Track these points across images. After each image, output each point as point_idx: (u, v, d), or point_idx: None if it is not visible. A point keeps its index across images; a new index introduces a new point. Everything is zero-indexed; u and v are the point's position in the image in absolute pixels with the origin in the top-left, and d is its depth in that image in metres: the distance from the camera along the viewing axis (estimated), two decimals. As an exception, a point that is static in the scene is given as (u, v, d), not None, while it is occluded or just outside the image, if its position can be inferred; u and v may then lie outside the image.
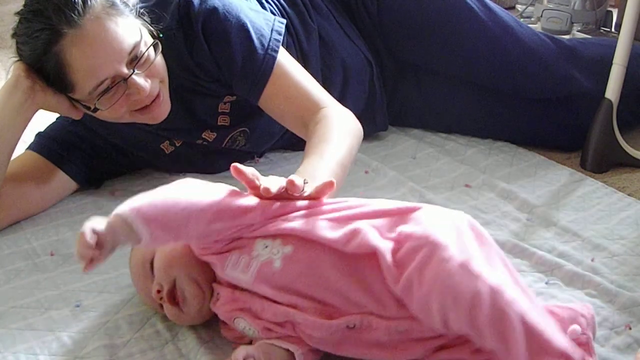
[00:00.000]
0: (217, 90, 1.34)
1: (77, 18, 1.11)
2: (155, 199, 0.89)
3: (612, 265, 1.13)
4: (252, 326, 0.91)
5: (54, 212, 1.34)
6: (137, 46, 1.16)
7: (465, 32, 1.54)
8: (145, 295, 1.00)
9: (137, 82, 1.16)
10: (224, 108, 1.38)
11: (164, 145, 1.43)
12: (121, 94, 1.17)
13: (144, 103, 1.20)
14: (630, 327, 0.98)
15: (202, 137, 1.41)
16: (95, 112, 1.20)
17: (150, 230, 0.86)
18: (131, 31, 1.16)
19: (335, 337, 0.87)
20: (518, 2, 2.69)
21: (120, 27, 1.15)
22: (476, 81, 1.59)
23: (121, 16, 1.16)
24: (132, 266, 1.02)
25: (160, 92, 1.22)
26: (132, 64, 1.17)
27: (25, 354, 0.97)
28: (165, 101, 1.24)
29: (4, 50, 2.44)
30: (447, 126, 1.66)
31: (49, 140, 1.37)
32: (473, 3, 1.54)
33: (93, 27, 1.12)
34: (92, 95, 1.16)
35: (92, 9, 1.12)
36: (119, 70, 1.15)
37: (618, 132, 1.51)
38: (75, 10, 1.10)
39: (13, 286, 1.12)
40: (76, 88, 1.16)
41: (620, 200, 1.35)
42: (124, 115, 1.22)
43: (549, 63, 1.54)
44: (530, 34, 1.57)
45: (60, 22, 1.10)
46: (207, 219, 0.89)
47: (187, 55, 1.27)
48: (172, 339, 0.98)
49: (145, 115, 1.23)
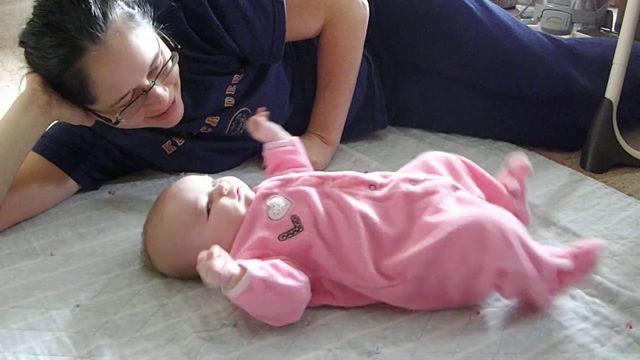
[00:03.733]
0: (227, 65, 1.36)
1: (101, 34, 1.10)
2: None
3: (612, 265, 1.13)
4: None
5: (54, 212, 1.34)
6: (157, 57, 1.17)
7: (463, 31, 1.54)
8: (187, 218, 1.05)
9: (158, 93, 1.18)
10: (231, 90, 1.40)
11: (165, 145, 1.43)
12: (141, 104, 1.18)
13: (162, 111, 1.22)
14: (631, 326, 0.98)
15: (206, 123, 1.41)
16: (117, 124, 1.21)
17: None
18: (150, 42, 1.17)
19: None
20: (518, 2, 2.69)
21: (141, 39, 1.15)
22: (475, 81, 1.59)
23: (140, 28, 1.16)
24: (183, 183, 1.10)
25: (175, 97, 1.23)
26: (152, 75, 1.17)
27: (25, 354, 0.96)
28: (179, 104, 1.26)
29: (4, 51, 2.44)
30: (447, 126, 1.67)
31: (51, 142, 1.37)
32: (471, 3, 1.55)
33: (116, 43, 1.11)
34: (113, 107, 1.17)
35: (114, 23, 1.11)
36: (141, 83, 1.16)
37: (618, 132, 1.51)
38: (97, 25, 1.09)
39: (13, 286, 1.11)
40: (97, 101, 1.16)
41: (620, 200, 1.35)
42: (140, 123, 1.23)
43: (547, 62, 1.54)
44: (528, 33, 1.57)
45: (81, 38, 1.09)
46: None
47: (191, 33, 1.29)
48: (172, 338, 0.98)
49: (161, 121, 1.25)
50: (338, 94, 1.51)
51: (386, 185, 1.06)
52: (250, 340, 0.97)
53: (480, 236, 0.94)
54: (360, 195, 1.04)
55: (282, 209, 1.03)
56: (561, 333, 0.97)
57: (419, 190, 1.04)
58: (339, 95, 1.51)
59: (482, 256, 0.94)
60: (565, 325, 0.99)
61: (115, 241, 1.23)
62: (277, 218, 1.02)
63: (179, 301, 1.06)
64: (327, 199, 1.04)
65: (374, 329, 0.99)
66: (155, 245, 1.09)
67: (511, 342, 0.96)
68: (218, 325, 1.00)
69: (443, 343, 0.96)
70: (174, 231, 1.05)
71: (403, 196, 1.04)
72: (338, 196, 1.04)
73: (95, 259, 1.18)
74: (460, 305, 1.01)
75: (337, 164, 1.52)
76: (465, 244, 0.94)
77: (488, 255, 0.94)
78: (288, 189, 1.07)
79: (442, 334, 0.98)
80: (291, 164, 1.19)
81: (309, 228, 1.01)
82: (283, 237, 1.01)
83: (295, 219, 1.02)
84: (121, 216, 1.32)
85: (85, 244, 1.23)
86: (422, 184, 1.05)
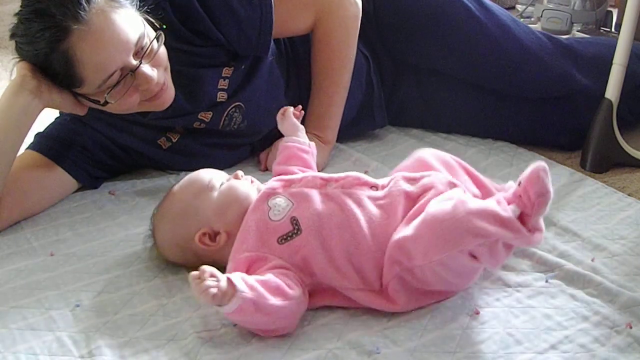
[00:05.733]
0: (215, 57, 1.37)
1: (83, 13, 1.11)
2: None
3: (612, 265, 1.13)
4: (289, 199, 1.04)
5: (54, 212, 1.34)
6: (142, 38, 1.18)
7: (461, 31, 1.54)
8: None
9: (146, 73, 1.19)
10: (223, 85, 1.40)
11: (160, 141, 1.44)
12: (129, 85, 1.19)
13: (152, 92, 1.23)
14: (631, 326, 0.98)
15: (198, 118, 1.42)
16: (105, 106, 1.21)
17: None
18: (135, 23, 1.18)
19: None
20: (518, 2, 2.69)
21: (124, 19, 1.16)
22: (474, 80, 1.59)
23: (123, 8, 1.17)
24: (197, 171, 1.14)
25: (165, 80, 1.24)
26: (139, 55, 1.18)
27: (25, 354, 0.96)
28: (170, 87, 1.27)
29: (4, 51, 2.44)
30: (447, 126, 1.66)
31: (48, 139, 1.37)
32: (470, 2, 1.55)
33: (100, 21, 1.13)
34: (101, 88, 1.18)
35: (96, 3, 1.13)
36: (127, 62, 1.17)
37: (618, 132, 1.50)
38: (79, 5, 1.11)
39: (13, 286, 1.11)
40: (85, 83, 1.17)
41: (620, 200, 1.35)
42: (133, 106, 1.24)
43: (545, 61, 1.54)
44: (528, 33, 1.57)
45: (65, 19, 1.11)
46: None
47: (178, 25, 1.30)
48: (172, 338, 0.98)
49: (152, 103, 1.26)
50: (332, 92, 1.51)
51: (387, 186, 1.07)
52: (250, 341, 0.97)
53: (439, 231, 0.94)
54: (362, 196, 1.05)
55: (282, 210, 1.03)
56: (561, 333, 0.97)
57: (418, 190, 1.05)
58: (334, 93, 1.51)
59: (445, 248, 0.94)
60: (565, 325, 0.99)
61: (115, 241, 1.23)
62: (277, 219, 1.03)
63: (179, 301, 1.06)
64: (329, 201, 1.04)
65: (374, 329, 0.99)
66: (162, 212, 1.11)
67: (511, 342, 0.96)
68: (218, 325, 1.00)
69: (443, 343, 0.96)
70: (183, 196, 1.09)
71: (403, 195, 1.04)
72: (340, 198, 1.04)
73: (95, 259, 1.18)
74: (454, 291, 1.02)
75: (337, 164, 1.52)
76: (426, 241, 0.95)
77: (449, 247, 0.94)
78: (291, 189, 1.07)
79: (442, 334, 0.98)
80: (301, 162, 1.21)
81: (308, 231, 1.01)
82: (282, 241, 1.01)
83: (294, 221, 1.02)
84: (121, 216, 1.32)
85: (85, 244, 1.23)
86: (420, 182, 1.06)
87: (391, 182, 1.07)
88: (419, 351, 0.94)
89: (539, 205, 0.89)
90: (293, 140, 1.24)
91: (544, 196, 0.89)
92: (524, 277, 1.09)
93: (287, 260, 1.00)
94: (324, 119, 1.52)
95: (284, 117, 1.26)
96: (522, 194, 0.90)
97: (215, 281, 0.91)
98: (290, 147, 1.23)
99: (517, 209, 0.91)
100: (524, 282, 1.08)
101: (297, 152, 1.22)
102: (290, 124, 1.26)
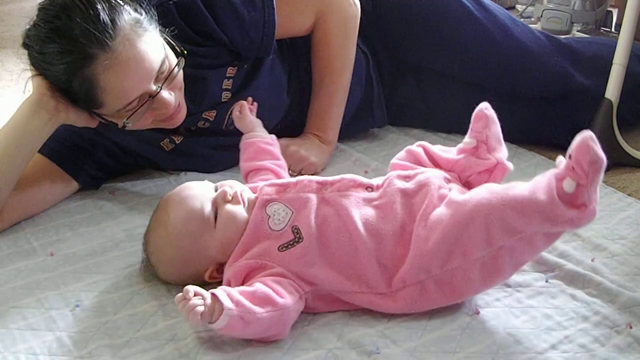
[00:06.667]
0: (220, 57, 1.37)
1: (110, 42, 1.10)
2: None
3: (612, 265, 1.13)
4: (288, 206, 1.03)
5: (54, 212, 1.34)
6: (163, 63, 1.18)
7: (460, 30, 1.55)
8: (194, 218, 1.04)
9: (164, 98, 1.19)
10: (227, 85, 1.40)
11: (163, 143, 1.44)
12: (147, 109, 1.19)
13: (168, 115, 1.23)
14: (631, 326, 0.98)
15: (203, 117, 1.42)
16: (124, 128, 1.21)
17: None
18: (157, 48, 1.17)
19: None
20: (518, 2, 2.69)
21: (148, 46, 1.15)
22: (473, 80, 1.59)
23: (147, 33, 1.16)
24: (185, 189, 1.08)
25: (180, 101, 1.24)
26: (159, 80, 1.18)
27: (25, 354, 0.96)
28: (183, 106, 1.27)
29: (4, 51, 2.44)
30: (447, 126, 1.66)
31: (52, 142, 1.36)
32: (469, 2, 1.55)
33: (125, 50, 1.11)
34: (120, 112, 1.18)
35: (122, 30, 1.11)
36: (148, 89, 1.16)
37: (618, 132, 1.50)
38: (106, 32, 1.09)
39: (13, 286, 1.11)
40: (104, 107, 1.17)
41: (620, 200, 1.35)
42: (146, 126, 1.25)
43: (545, 60, 1.55)
44: (526, 32, 1.58)
45: (91, 46, 1.09)
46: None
47: (181, 24, 1.30)
48: (172, 338, 0.98)
49: (166, 123, 1.26)
50: (333, 92, 1.51)
51: (382, 186, 1.07)
52: (250, 341, 0.97)
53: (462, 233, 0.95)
54: (359, 198, 1.04)
55: (282, 219, 1.03)
56: (561, 333, 0.97)
57: (413, 186, 1.05)
58: (334, 93, 1.51)
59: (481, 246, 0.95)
60: (565, 325, 0.99)
61: (115, 241, 1.23)
62: (278, 228, 1.02)
63: (179, 301, 1.06)
64: (326, 205, 1.03)
65: (374, 329, 0.99)
66: (161, 256, 1.07)
67: (511, 342, 0.96)
68: (218, 325, 1.00)
69: (443, 343, 0.96)
70: (181, 241, 1.04)
71: (399, 193, 1.04)
72: (337, 202, 1.03)
73: (95, 259, 1.18)
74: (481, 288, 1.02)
75: (337, 164, 1.52)
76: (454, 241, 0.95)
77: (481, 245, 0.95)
78: (287, 195, 1.06)
79: (442, 334, 0.98)
80: (268, 154, 1.23)
81: (309, 238, 1.00)
82: (282, 248, 1.00)
83: (295, 229, 1.01)
84: (121, 216, 1.32)
85: (85, 244, 1.23)
86: (415, 179, 1.06)
87: (386, 182, 1.07)
88: (419, 351, 0.94)
89: (594, 173, 0.88)
90: (254, 135, 1.27)
91: (596, 163, 0.88)
92: (524, 277, 1.09)
93: (287, 268, 0.99)
94: (325, 119, 1.52)
95: (241, 114, 1.29)
96: (575, 166, 0.89)
97: (200, 299, 0.91)
98: (254, 142, 1.25)
99: (573, 181, 0.90)
100: (524, 282, 1.08)
101: (263, 146, 1.25)
102: (249, 120, 1.30)
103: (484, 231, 0.93)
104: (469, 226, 0.94)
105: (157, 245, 1.07)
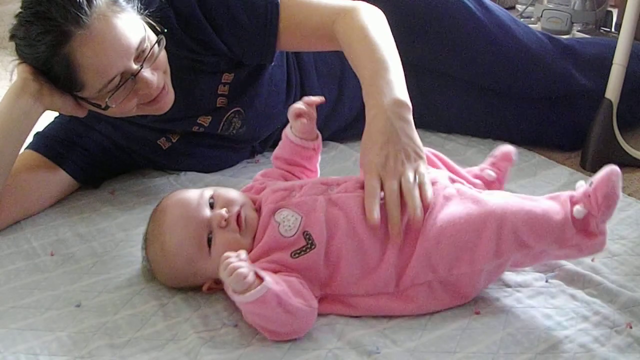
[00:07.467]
0: (216, 65, 1.36)
1: (85, 18, 1.11)
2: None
3: (612, 265, 1.13)
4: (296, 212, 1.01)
5: (54, 212, 1.34)
6: (143, 42, 1.18)
7: (462, 31, 1.54)
8: (193, 230, 1.02)
9: (146, 77, 1.18)
10: (223, 90, 1.39)
11: (160, 141, 1.44)
12: (130, 89, 1.19)
13: (152, 96, 1.22)
14: (631, 326, 0.98)
15: (197, 122, 1.41)
16: (106, 110, 1.21)
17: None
18: (136, 27, 1.18)
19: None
20: (518, 2, 2.69)
21: (125, 23, 1.16)
22: (474, 80, 1.59)
23: (125, 12, 1.17)
24: (180, 207, 1.04)
25: (165, 83, 1.24)
26: (139, 60, 1.18)
27: (25, 354, 0.96)
28: (170, 90, 1.26)
29: (4, 51, 2.44)
30: (447, 126, 1.66)
31: (48, 139, 1.37)
32: (470, 2, 1.55)
33: (101, 26, 1.12)
34: (101, 92, 1.17)
35: (98, 8, 1.13)
36: (128, 67, 1.16)
37: (618, 132, 1.51)
38: (81, 9, 1.10)
39: (13, 286, 1.11)
40: (86, 87, 1.17)
41: (621, 200, 1.33)
42: (131, 110, 1.23)
43: (545, 61, 1.55)
44: (528, 33, 1.58)
45: (67, 23, 1.10)
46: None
47: (180, 32, 1.29)
48: (172, 338, 0.98)
49: (152, 107, 1.25)
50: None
51: None
52: (251, 341, 0.97)
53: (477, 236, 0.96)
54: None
55: (293, 225, 1.01)
56: (561, 333, 0.97)
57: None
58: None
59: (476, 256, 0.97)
60: (565, 325, 0.99)
61: (115, 241, 1.23)
62: (289, 235, 1.01)
63: (179, 301, 1.06)
64: (334, 207, 1.02)
65: (374, 329, 0.99)
66: (158, 268, 1.07)
67: (511, 342, 0.96)
68: (219, 325, 1.00)
69: (443, 343, 0.96)
70: (176, 262, 1.04)
71: None
72: (345, 203, 1.02)
73: (95, 259, 1.18)
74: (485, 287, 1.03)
75: (337, 164, 1.52)
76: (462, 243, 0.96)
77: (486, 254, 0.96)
78: (294, 199, 1.04)
79: (442, 334, 0.98)
80: (306, 161, 1.17)
81: (321, 243, 1.00)
82: (295, 255, 1.00)
83: (307, 235, 1.00)
84: (121, 216, 1.32)
85: (85, 244, 1.23)
86: None
87: None
88: (419, 351, 0.94)
89: (606, 207, 0.91)
90: (301, 142, 1.16)
91: (611, 198, 0.91)
92: (524, 277, 1.09)
93: (301, 272, 0.99)
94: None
95: (305, 118, 1.15)
96: (592, 194, 0.92)
97: (246, 263, 0.92)
98: (296, 148, 1.16)
99: (584, 208, 0.92)
100: (524, 282, 1.08)
101: (305, 153, 1.17)
102: (306, 126, 1.15)
103: (495, 242, 0.95)
104: (481, 234, 0.95)
105: (154, 258, 1.07)
